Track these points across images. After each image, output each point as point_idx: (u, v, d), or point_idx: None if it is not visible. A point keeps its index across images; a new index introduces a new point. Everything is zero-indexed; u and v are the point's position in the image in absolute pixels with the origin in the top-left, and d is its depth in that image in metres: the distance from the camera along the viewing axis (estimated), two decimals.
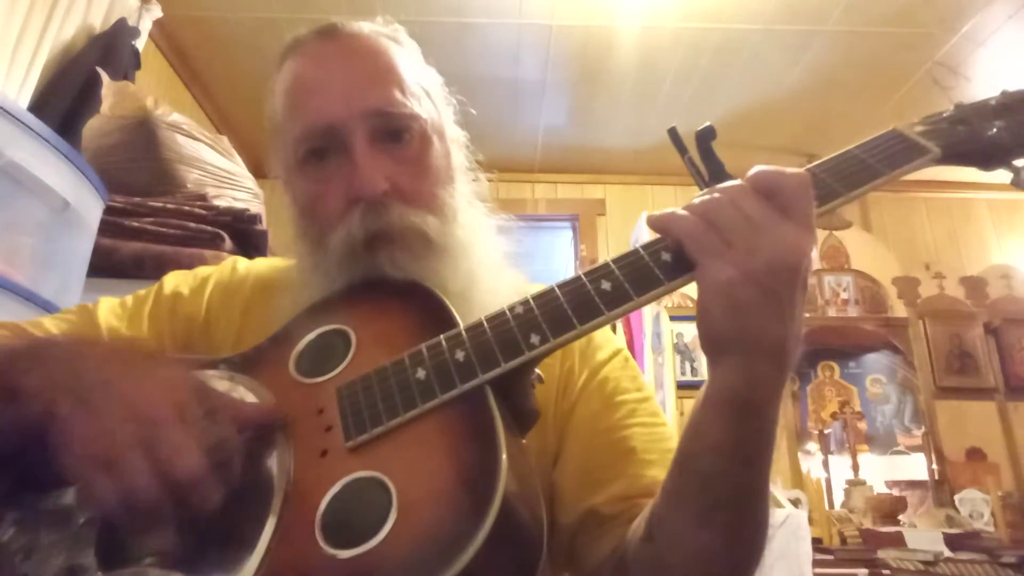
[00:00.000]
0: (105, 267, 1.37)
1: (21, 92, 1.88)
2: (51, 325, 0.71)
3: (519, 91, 3.07)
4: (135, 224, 1.47)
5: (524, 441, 0.55)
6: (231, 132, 3.24)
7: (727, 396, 0.49)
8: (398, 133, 0.68)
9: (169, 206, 1.53)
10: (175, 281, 0.79)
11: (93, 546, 0.49)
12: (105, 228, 1.38)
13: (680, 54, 2.87)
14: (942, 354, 3.18)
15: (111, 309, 0.74)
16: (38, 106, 1.91)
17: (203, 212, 1.54)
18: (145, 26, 2.40)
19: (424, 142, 0.70)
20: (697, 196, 0.52)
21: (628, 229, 3.61)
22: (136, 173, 1.57)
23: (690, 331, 3.38)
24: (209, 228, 1.52)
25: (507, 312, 0.53)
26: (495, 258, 0.72)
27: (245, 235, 1.59)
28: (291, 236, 0.74)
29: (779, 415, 0.50)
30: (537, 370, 0.55)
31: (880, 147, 0.58)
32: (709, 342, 0.49)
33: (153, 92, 2.12)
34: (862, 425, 3.18)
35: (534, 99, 3.17)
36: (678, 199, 3.77)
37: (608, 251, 3.65)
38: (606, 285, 0.52)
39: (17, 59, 1.86)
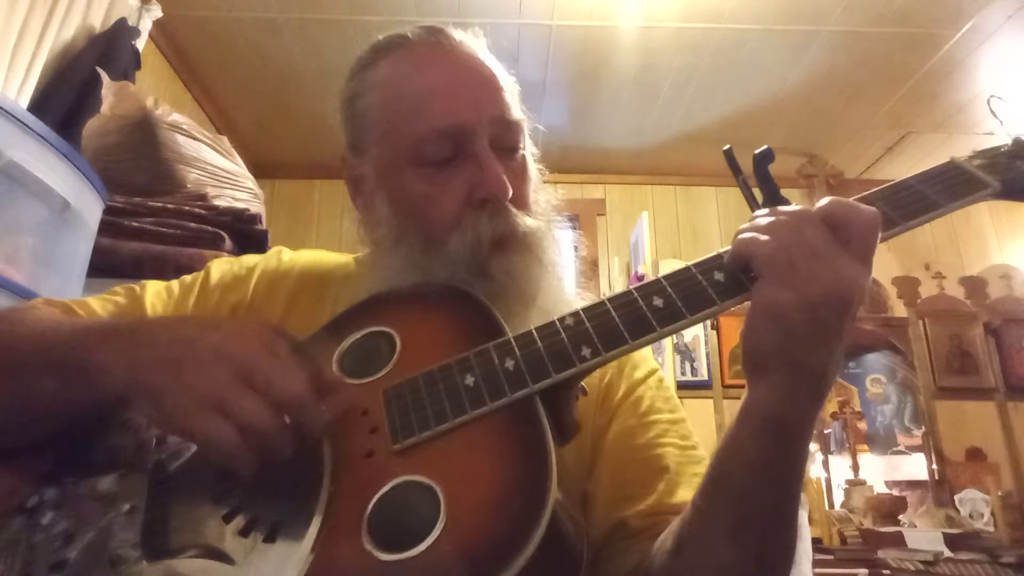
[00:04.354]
0: (105, 267, 1.37)
1: (21, 92, 1.87)
2: (97, 306, 0.71)
3: (519, 91, 3.06)
4: (135, 224, 1.47)
5: (564, 453, 0.55)
6: (231, 132, 3.24)
7: (764, 415, 0.49)
8: (513, 143, 0.70)
9: (169, 206, 1.53)
10: (221, 270, 0.78)
11: (137, 535, 0.49)
12: (105, 228, 1.38)
13: (680, 54, 2.87)
14: (942, 354, 3.18)
15: (157, 293, 0.74)
16: (38, 106, 1.90)
17: (203, 212, 1.54)
18: (145, 26, 2.40)
19: (526, 154, 0.73)
20: (756, 215, 0.53)
21: (628, 229, 3.62)
22: (136, 173, 1.57)
23: (690, 331, 3.38)
24: (209, 228, 1.52)
25: (557, 323, 0.54)
26: (568, 275, 0.73)
27: (245, 235, 1.59)
28: (368, 233, 0.73)
29: (811, 439, 0.51)
30: (582, 383, 0.55)
31: (938, 179, 0.57)
32: (753, 360, 0.50)
33: (153, 92, 2.12)
34: (862, 425, 3.18)
35: (534, 99, 3.17)
36: (678, 199, 3.77)
37: (608, 251, 3.65)
38: (658, 302, 0.52)
39: (17, 59, 1.85)
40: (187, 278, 0.78)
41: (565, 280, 0.72)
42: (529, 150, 0.75)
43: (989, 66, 2.86)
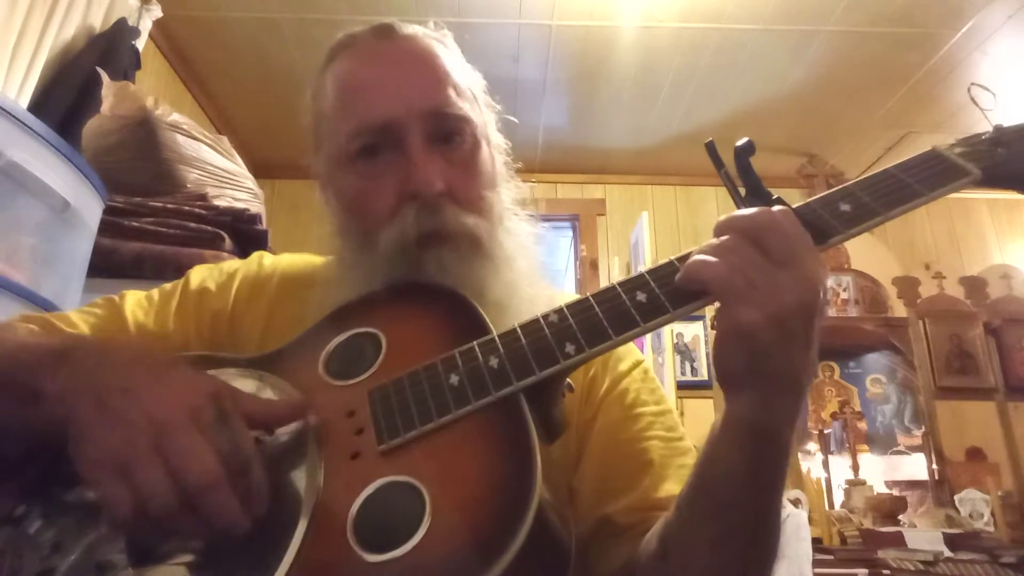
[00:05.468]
0: (105, 267, 1.37)
1: (21, 92, 1.88)
2: (78, 319, 0.70)
3: (519, 91, 3.07)
4: (135, 224, 1.47)
5: (550, 449, 0.55)
6: (231, 132, 3.24)
7: (743, 426, 0.49)
8: (450, 135, 0.68)
9: (169, 206, 1.53)
10: (201, 276, 0.78)
11: (123, 542, 0.48)
12: (105, 228, 1.38)
13: (680, 54, 2.87)
14: (942, 354, 3.18)
15: (137, 303, 0.74)
16: (38, 106, 1.91)
17: (203, 212, 1.54)
18: (145, 26, 2.40)
19: (475, 146, 0.70)
20: (725, 217, 0.51)
21: (628, 229, 3.62)
22: (136, 173, 1.58)
23: (690, 331, 3.38)
24: (209, 228, 1.52)
25: (541, 320, 0.54)
26: (534, 268, 0.72)
27: (245, 235, 1.59)
28: (329, 232, 0.74)
29: (792, 442, 0.51)
30: (568, 379, 0.55)
31: (919, 167, 0.57)
32: (726, 380, 0.50)
33: (153, 92, 2.12)
34: (862, 425, 3.18)
35: (534, 99, 3.17)
36: (678, 199, 3.78)
37: (608, 251, 3.65)
38: (641, 297, 0.52)
39: (17, 59, 1.85)
40: (167, 286, 0.77)
41: (528, 273, 0.70)
42: (494, 144, 0.75)
43: (989, 66, 2.86)
